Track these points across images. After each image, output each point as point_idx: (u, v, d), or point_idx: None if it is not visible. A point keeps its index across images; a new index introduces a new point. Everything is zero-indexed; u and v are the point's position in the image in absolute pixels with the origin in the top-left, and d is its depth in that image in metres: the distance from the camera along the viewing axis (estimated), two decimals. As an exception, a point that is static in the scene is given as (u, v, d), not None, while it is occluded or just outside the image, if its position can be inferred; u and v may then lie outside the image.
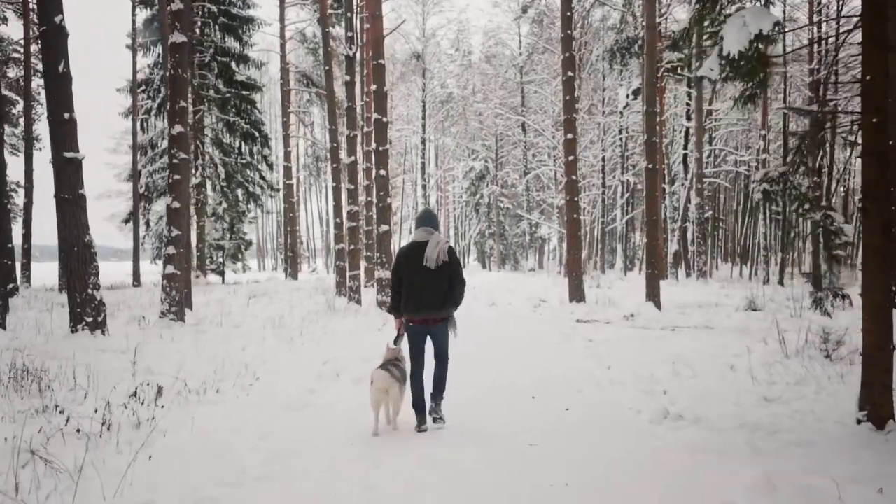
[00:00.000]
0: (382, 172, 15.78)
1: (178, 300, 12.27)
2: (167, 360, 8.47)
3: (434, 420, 5.99)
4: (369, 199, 22.17)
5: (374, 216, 17.44)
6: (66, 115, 9.78)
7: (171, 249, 12.29)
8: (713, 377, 7.82)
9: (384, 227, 15.89)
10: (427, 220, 6.07)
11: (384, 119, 15.51)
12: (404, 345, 6.14)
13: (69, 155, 9.78)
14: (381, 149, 15.63)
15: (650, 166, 17.08)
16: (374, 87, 15.48)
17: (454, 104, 49.71)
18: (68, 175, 9.82)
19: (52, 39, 9.75)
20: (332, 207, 20.70)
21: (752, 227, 40.76)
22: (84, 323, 9.85)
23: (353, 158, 18.54)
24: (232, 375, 7.74)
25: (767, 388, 7.00)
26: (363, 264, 24.93)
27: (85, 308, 9.88)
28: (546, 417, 6.26)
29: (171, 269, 12.27)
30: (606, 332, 12.67)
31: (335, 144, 19.84)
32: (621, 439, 5.47)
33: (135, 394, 5.50)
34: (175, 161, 12.37)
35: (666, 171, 32.81)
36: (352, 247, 17.68)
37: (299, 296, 20.32)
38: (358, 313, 15.34)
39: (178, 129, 12.36)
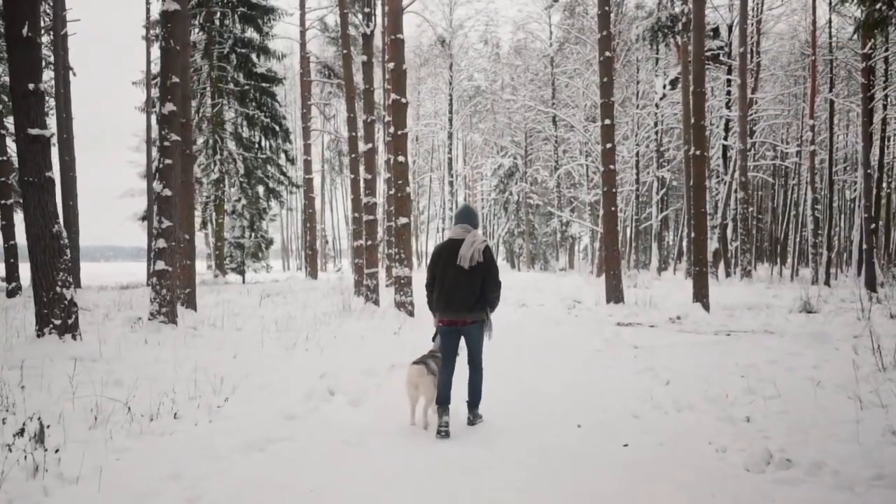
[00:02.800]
0: (401, 159, 14.27)
1: (169, 300, 10.91)
2: (136, 372, 7.11)
3: (470, 422, 5.74)
4: (391, 192, 20.70)
5: (393, 208, 15.93)
6: (31, 86, 8.43)
7: (161, 243, 10.88)
8: (801, 397, 6.21)
9: (403, 220, 14.37)
10: (466, 216, 5.80)
11: (402, 100, 14.02)
12: None
13: (34, 132, 8.45)
14: (399, 133, 14.11)
15: (697, 153, 15.38)
16: (391, 65, 13.96)
17: (482, 99, 48.09)
18: (34, 155, 8.49)
19: (14, -2, 8.46)
20: (350, 202, 19.33)
21: (795, 224, 38.69)
22: (51, 326, 8.50)
23: (370, 146, 17.07)
24: (206, 392, 6.32)
25: (884, 414, 5.38)
26: (384, 262, 23.53)
27: (52, 309, 8.53)
28: (601, 462, 4.72)
29: (161, 265, 10.88)
30: (653, 337, 11.15)
31: (354, 134, 18.43)
32: (716, 502, 3.88)
33: (21, 432, 3.98)
34: (166, 143, 10.97)
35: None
36: (369, 242, 16.22)
37: (315, 295, 18.99)
38: (374, 315, 13.91)
39: (169, 107, 10.96)
